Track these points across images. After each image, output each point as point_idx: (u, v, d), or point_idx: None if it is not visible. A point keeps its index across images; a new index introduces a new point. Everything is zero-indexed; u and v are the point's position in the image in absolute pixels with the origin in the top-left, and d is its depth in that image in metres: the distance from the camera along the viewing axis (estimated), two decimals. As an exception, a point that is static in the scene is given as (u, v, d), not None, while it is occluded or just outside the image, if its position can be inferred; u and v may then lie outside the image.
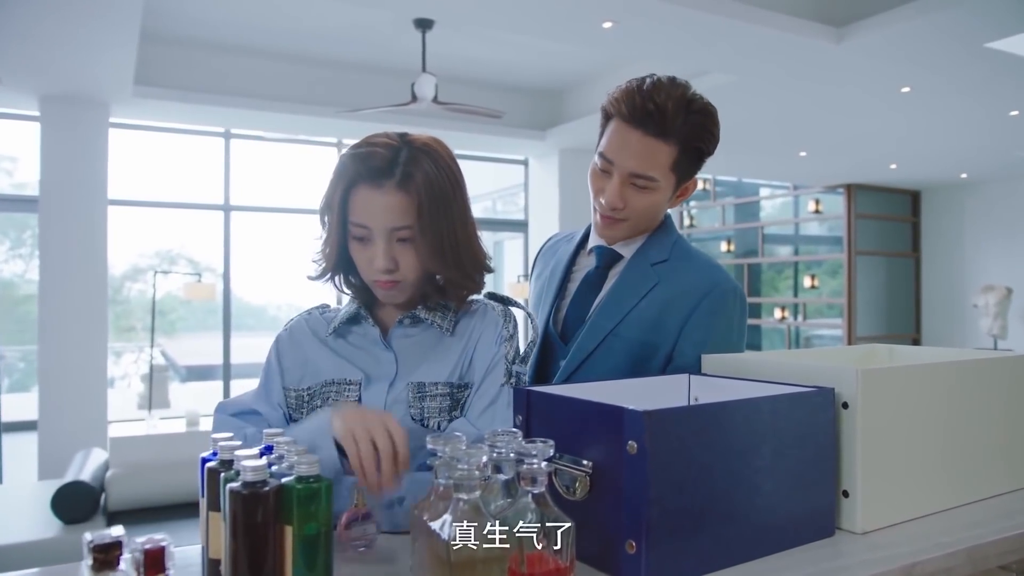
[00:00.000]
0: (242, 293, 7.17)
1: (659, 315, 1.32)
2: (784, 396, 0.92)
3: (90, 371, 5.23)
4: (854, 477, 0.96)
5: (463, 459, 0.73)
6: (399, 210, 1.09)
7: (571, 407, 0.90)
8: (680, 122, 1.28)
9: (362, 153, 1.10)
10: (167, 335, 8.99)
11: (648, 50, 4.33)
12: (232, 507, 0.71)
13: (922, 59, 4.27)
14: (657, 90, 1.28)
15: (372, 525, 0.95)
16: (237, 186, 6.63)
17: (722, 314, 1.33)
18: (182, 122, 6.22)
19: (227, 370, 6.71)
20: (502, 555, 0.71)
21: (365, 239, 1.11)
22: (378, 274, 1.12)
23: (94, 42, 4.09)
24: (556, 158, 7.21)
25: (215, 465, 0.80)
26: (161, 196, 6.77)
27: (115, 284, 8.19)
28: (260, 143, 6.94)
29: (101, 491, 4.17)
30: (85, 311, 5.19)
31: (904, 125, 5.94)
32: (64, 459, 4.72)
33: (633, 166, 1.30)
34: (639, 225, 1.38)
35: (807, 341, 9.43)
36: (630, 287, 1.36)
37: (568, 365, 1.34)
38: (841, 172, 8.18)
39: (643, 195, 1.33)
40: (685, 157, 1.32)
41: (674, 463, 0.81)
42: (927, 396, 1.05)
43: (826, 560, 0.88)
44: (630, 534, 0.80)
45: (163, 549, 0.66)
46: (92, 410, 5.21)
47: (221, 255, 6.64)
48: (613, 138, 1.32)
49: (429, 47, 4.75)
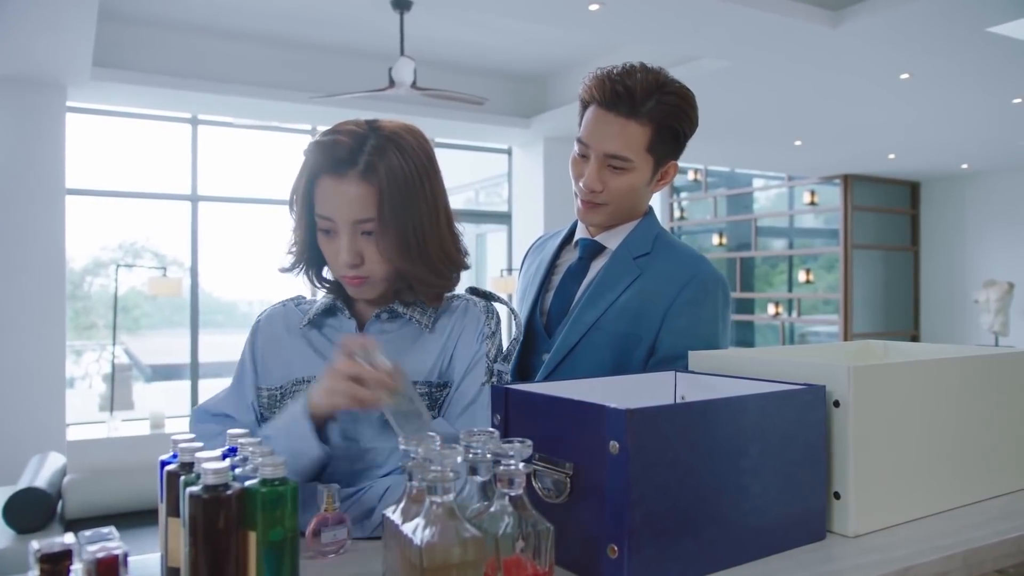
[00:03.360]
0: (211, 288, 7.11)
1: (641, 307, 1.37)
2: (773, 394, 0.92)
3: (46, 371, 5.17)
4: (846, 478, 0.97)
5: (437, 460, 0.73)
6: (361, 202, 1.08)
7: (551, 406, 0.91)
8: (653, 103, 1.36)
9: (326, 142, 1.09)
10: (131, 333, 8.90)
11: (637, 34, 4.34)
12: (192, 512, 0.70)
13: (922, 44, 4.30)
14: (628, 74, 1.37)
15: (344, 530, 0.95)
16: (205, 175, 6.57)
17: (704, 304, 1.38)
18: (146, 107, 6.15)
19: (195, 370, 6.66)
20: (478, 560, 0.70)
21: (330, 232, 1.12)
22: (344, 269, 1.12)
23: (49, 19, 4.03)
24: (541, 147, 7.21)
25: (175, 468, 0.79)
26: (124, 186, 6.69)
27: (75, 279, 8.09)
28: (229, 130, 6.88)
29: (58, 498, 4.12)
30: (41, 307, 5.12)
31: (903, 113, 5.99)
32: (18, 464, 4.65)
33: (608, 147, 1.37)
34: (620, 209, 1.44)
35: (802, 338, 9.50)
36: (612, 280, 1.41)
37: (552, 359, 1.39)
38: (838, 162, 8.24)
39: (621, 177, 1.39)
40: (659, 138, 1.38)
41: (658, 464, 0.81)
42: (923, 394, 1.06)
43: (817, 564, 0.89)
44: (612, 538, 0.80)
45: (116, 558, 0.65)
46: (48, 412, 5.15)
47: (188, 248, 6.58)
48: (589, 123, 1.40)
49: (408, 29, 4.73)
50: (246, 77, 5.56)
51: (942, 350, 1.29)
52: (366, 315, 1.20)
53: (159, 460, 0.84)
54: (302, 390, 1.14)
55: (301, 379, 1.15)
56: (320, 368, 1.15)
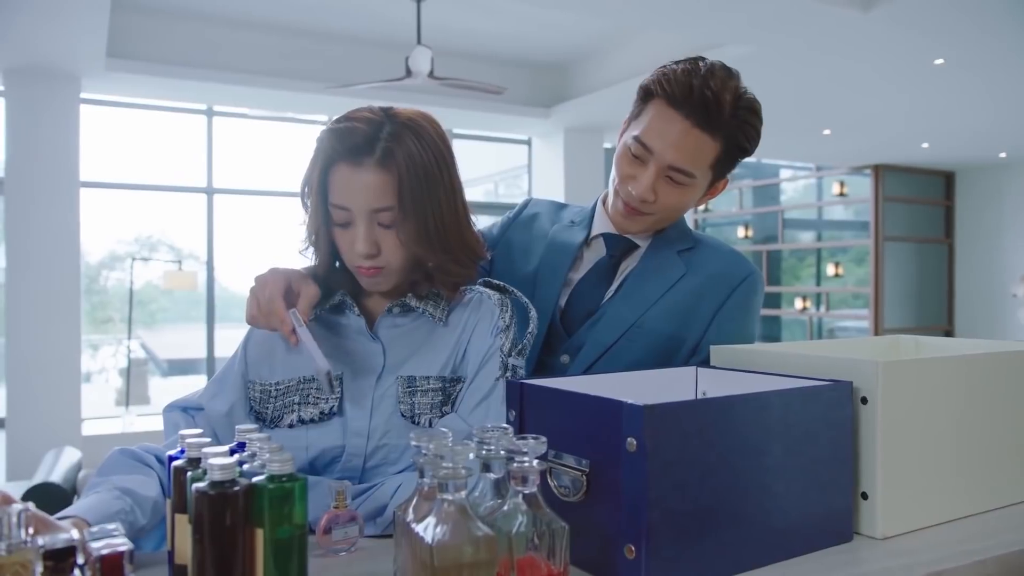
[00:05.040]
0: (227, 282, 7.17)
1: (689, 306, 1.32)
2: (798, 390, 0.91)
3: (62, 365, 5.24)
4: (874, 478, 0.95)
5: (449, 457, 0.72)
6: (379, 190, 1.07)
7: (567, 401, 0.90)
8: (730, 116, 1.25)
9: (341, 129, 1.09)
10: (147, 327, 9.01)
11: (657, 19, 4.31)
12: (198, 509, 0.70)
13: (958, 28, 4.23)
14: (713, 76, 1.24)
15: (355, 528, 0.95)
16: (220, 167, 6.62)
17: (750, 305, 1.36)
18: (160, 98, 6.21)
19: (211, 364, 6.72)
20: (490, 560, 0.70)
21: (346, 222, 1.10)
22: (359, 259, 1.10)
23: (62, 9, 4.07)
24: (561, 137, 7.19)
25: (182, 464, 0.79)
26: (139, 178, 6.76)
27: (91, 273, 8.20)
28: (244, 121, 6.93)
29: (73, 493, 4.18)
30: (56, 301, 5.19)
31: (937, 100, 5.91)
32: (34, 459, 4.73)
33: (673, 158, 1.26)
34: (663, 220, 1.37)
35: (830, 333, 9.42)
36: (655, 276, 1.35)
37: (582, 360, 1.33)
38: (868, 152, 8.14)
39: (676, 191, 1.30)
40: (727, 155, 1.30)
41: (677, 462, 0.80)
42: (955, 392, 1.04)
43: (843, 567, 0.87)
44: (629, 538, 0.79)
45: (121, 555, 0.65)
46: (64, 407, 5.23)
47: (204, 241, 6.64)
48: (655, 123, 1.27)
49: (424, 18, 4.72)
50: (261, 67, 5.59)
51: (976, 345, 1.26)
52: (377, 311, 1.19)
53: (166, 455, 0.84)
54: (311, 389, 1.13)
55: (310, 378, 1.15)
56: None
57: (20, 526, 0.64)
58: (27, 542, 0.64)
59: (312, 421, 1.11)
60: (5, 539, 0.64)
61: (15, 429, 5.10)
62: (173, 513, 0.80)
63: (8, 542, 0.64)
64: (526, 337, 1.20)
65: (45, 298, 5.16)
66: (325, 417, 1.11)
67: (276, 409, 1.14)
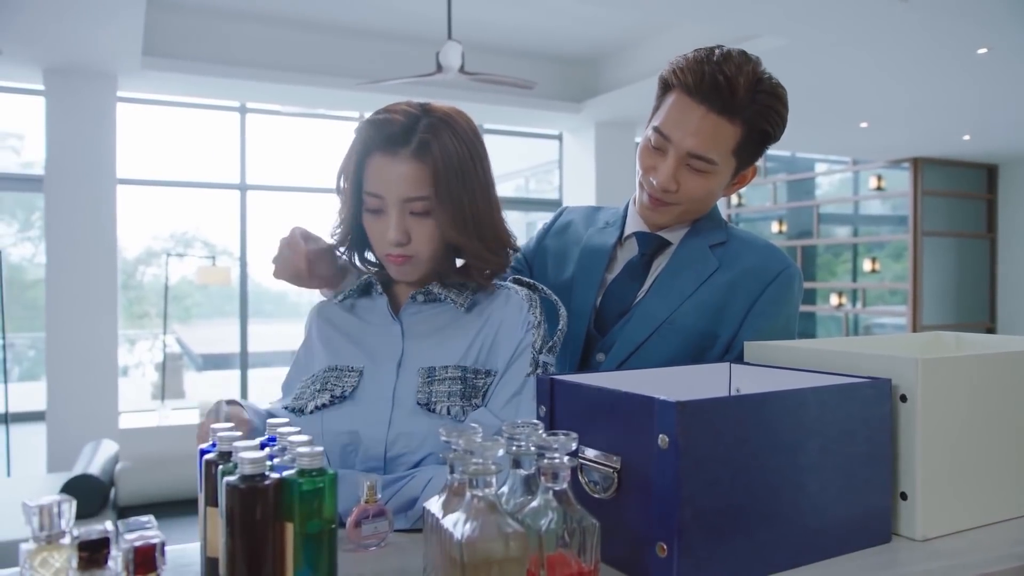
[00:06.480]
0: (260, 278, 7.26)
1: (722, 302, 1.30)
2: (834, 387, 0.89)
3: (100, 359, 5.34)
4: (913, 478, 0.93)
5: (478, 452, 0.72)
6: (413, 179, 1.10)
7: (598, 397, 0.89)
8: (748, 100, 1.24)
9: (379, 120, 1.12)
10: (182, 322, 9.15)
11: (690, 11, 4.26)
12: (229, 503, 0.71)
13: (1002, 15, 4.12)
14: (727, 61, 1.24)
15: (385, 522, 0.95)
16: (254, 164, 6.70)
17: (789, 302, 1.33)
18: (195, 96, 6.29)
19: (244, 359, 6.81)
20: (520, 556, 0.69)
21: (378, 210, 1.13)
22: (389, 247, 1.13)
23: (99, 9, 4.15)
24: (592, 132, 7.16)
25: (213, 457, 0.80)
26: (174, 175, 6.87)
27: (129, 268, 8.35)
28: (277, 118, 7.00)
29: (111, 485, 4.27)
30: (94, 296, 5.30)
31: (980, 91, 5.77)
32: (73, 451, 4.84)
33: (692, 145, 1.26)
34: (690, 210, 1.35)
35: (867, 329, 9.28)
36: (687, 271, 1.34)
37: (613, 357, 1.32)
38: (907, 145, 7.99)
39: (699, 179, 1.29)
40: (749, 140, 1.29)
41: (710, 459, 0.79)
42: (997, 389, 1.01)
43: (881, 568, 0.86)
44: (661, 536, 0.78)
45: (153, 547, 0.66)
46: (102, 400, 5.34)
47: (237, 237, 6.73)
48: (672, 112, 1.27)
49: (455, 13, 4.72)
50: (294, 64, 5.64)
51: (1019, 342, 1.23)
52: (402, 297, 1.21)
53: (199, 449, 0.85)
54: (331, 378, 1.15)
55: (333, 367, 1.16)
56: (350, 355, 1.17)
57: (60, 516, 0.66)
58: (64, 533, 0.65)
59: (324, 406, 1.12)
60: (46, 529, 0.65)
61: (55, 422, 5.22)
62: (205, 506, 0.81)
63: (49, 532, 0.65)
64: (556, 334, 1.19)
65: (84, 294, 5.26)
66: (337, 400, 1.12)
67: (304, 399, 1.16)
